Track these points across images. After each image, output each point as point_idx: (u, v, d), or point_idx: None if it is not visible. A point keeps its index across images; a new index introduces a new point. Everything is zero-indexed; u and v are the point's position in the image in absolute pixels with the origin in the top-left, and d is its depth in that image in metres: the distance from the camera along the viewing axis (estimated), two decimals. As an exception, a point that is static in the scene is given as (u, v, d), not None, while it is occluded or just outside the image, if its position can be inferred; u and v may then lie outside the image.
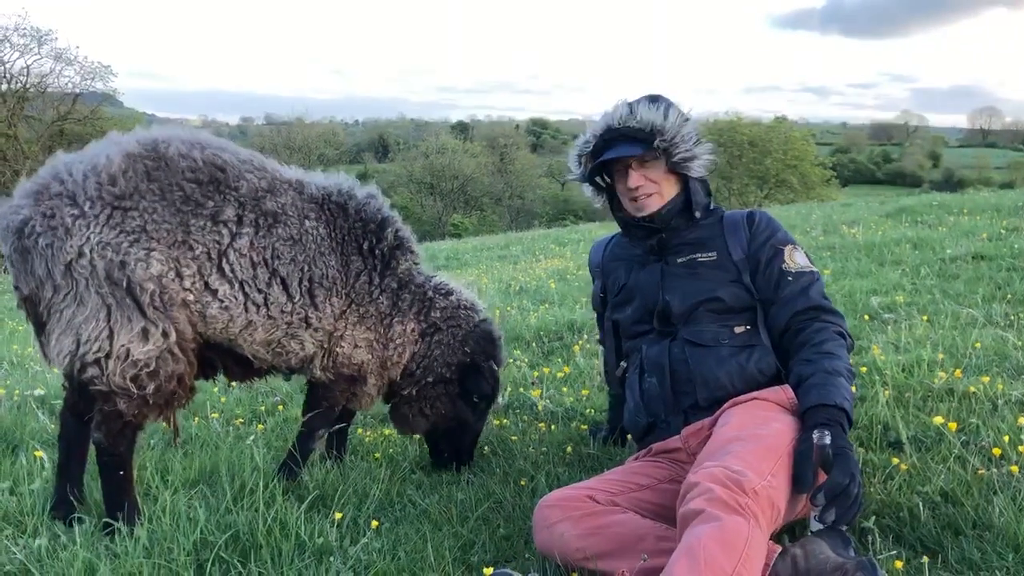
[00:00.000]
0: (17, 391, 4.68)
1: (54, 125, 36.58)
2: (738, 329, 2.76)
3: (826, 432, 2.28)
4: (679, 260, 2.88)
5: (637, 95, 2.93)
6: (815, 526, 2.26)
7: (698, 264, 2.84)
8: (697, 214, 2.88)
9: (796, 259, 2.77)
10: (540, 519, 2.54)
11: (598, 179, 3.03)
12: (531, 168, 62.31)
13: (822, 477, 2.28)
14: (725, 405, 2.62)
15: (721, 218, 2.91)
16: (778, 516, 2.24)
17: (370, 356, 3.20)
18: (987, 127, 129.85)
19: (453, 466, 3.47)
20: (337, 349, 3.10)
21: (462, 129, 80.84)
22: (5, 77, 35.06)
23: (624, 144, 2.83)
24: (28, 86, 35.72)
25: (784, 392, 2.58)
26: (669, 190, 2.87)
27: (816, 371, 2.49)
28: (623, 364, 3.06)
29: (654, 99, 2.87)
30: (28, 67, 35.36)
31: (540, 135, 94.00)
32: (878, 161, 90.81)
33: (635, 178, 2.85)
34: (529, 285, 9.07)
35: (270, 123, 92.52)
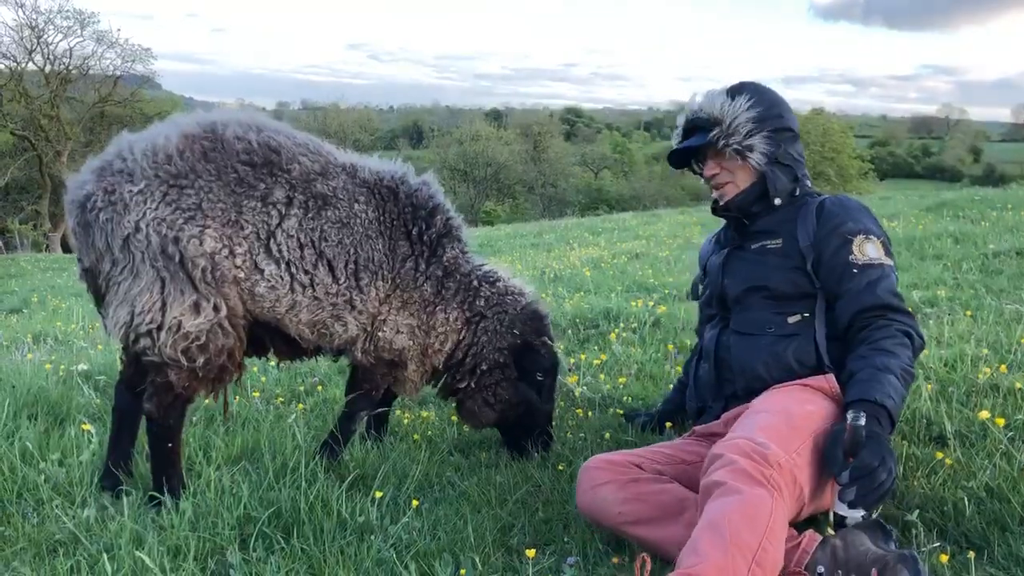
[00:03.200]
0: (63, 366, 4.77)
1: (95, 107, 37.12)
2: (792, 319, 2.70)
3: (861, 413, 2.24)
4: (753, 247, 2.86)
5: (729, 82, 2.95)
6: (839, 507, 2.23)
7: (767, 251, 2.81)
8: (777, 201, 2.82)
9: (866, 250, 2.66)
10: (585, 480, 2.56)
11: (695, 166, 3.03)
12: (564, 156, 62.07)
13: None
14: (768, 390, 2.61)
15: (804, 204, 2.83)
16: (801, 495, 2.22)
17: (411, 342, 3.21)
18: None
19: (532, 449, 3.40)
20: (379, 333, 3.12)
21: (496, 117, 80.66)
22: (48, 58, 35.56)
23: (697, 134, 2.87)
24: (70, 68, 36.22)
25: (827, 381, 2.54)
26: (744, 178, 2.84)
27: (865, 367, 2.42)
28: None
29: (733, 88, 2.86)
30: (71, 49, 35.87)
31: (574, 123, 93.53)
32: (917, 155, 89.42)
33: (708, 167, 2.89)
34: (564, 273, 9.07)
35: (306, 108, 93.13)
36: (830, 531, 2.26)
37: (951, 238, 8.38)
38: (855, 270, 2.62)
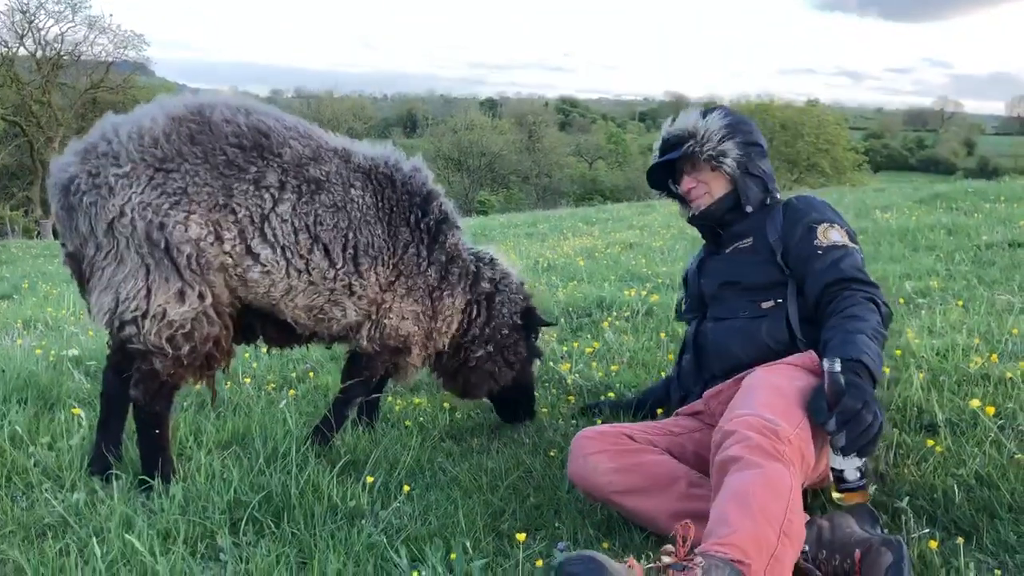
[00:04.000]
0: (53, 351, 4.76)
1: (87, 93, 36.90)
2: (765, 304, 2.81)
3: (835, 359, 2.26)
4: (726, 251, 3.02)
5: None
6: (834, 460, 2.25)
7: (739, 251, 2.97)
8: (748, 208, 2.97)
9: (830, 235, 2.77)
10: (577, 448, 2.63)
11: (671, 187, 3.22)
12: (559, 147, 61.98)
13: None
14: (754, 369, 2.63)
15: (773, 209, 2.98)
16: (808, 469, 2.26)
17: (416, 328, 3.22)
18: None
19: (523, 417, 3.65)
20: (384, 321, 3.13)
21: (491, 106, 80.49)
22: (40, 44, 35.31)
23: (672, 151, 3.06)
24: (62, 53, 35.97)
25: (809, 357, 2.59)
26: (718, 188, 3.02)
27: (837, 334, 2.47)
28: None
29: (706, 109, 3.08)
30: (62, 34, 35.64)
31: (569, 113, 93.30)
32: (911, 147, 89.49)
33: (685, 181, 3.08)
34: (557, 262, 9.06)
35: (300, 96, 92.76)
36: (835, 494, 2.28)
37: (944, 230, 8.41)
38: (820, 251, 2.74)
